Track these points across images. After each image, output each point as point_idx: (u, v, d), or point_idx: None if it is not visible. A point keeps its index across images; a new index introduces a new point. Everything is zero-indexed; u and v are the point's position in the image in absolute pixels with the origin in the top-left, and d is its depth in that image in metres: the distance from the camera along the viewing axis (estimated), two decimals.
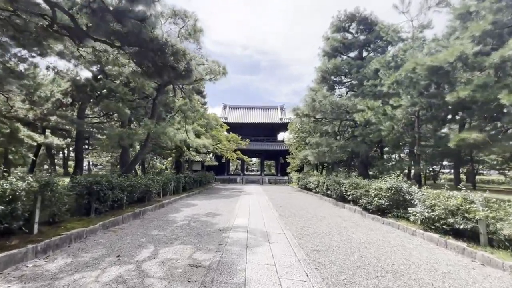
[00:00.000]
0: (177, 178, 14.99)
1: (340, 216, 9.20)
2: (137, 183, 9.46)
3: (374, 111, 9.17)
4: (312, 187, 17.41)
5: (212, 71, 10.10)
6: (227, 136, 22.00)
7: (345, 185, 11.63)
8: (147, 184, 10.20)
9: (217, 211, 9.79)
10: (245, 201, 13.24)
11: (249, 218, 8.34)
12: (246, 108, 40.35)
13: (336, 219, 8.70)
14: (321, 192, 15.34)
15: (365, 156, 14.47)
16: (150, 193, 10.59)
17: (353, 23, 14.71)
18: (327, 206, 11.98)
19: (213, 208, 10.67)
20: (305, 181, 19.87)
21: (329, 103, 12.30)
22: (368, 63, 12.91)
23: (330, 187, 13.39)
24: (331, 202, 13.08)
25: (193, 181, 18.43)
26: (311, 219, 8.61)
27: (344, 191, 11.61)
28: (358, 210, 9.87)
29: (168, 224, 7.41)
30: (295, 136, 22.38)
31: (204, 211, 9.86)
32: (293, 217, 8.82)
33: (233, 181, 31.56)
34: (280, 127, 36.77)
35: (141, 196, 10.26)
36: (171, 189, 13.95)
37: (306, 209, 10.85)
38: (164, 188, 13.15)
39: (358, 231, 7.00)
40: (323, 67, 14.52)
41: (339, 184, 12.27)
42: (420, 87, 8.20)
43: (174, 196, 13.70)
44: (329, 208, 11.18)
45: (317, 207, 11.39)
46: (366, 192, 9.29)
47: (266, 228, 6.99)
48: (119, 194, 8.05)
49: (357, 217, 9.16)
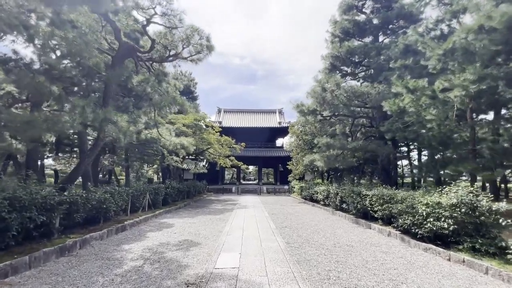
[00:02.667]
0: (155, 189, 12.05)
1: (375, 245, 6.35)
2: (80, 198, 6.56)
3: (415, 94, 6.53)
4: (320, 198, 14.54)
5: (190, 41, 7.42)
6: (219, 139, 19.13)
7: (369, 198, 8.83)
8: (100, 199, 7.30)
9: (197, 238, 6.90)
10: (238, 219, 10.33)
11: (240, 253, 5.45)
12: (242, 112, 37.66)
13: (371, 250, 5.85)
14: (332, 205, 12.48)
15: (386, 160, 11.76)
16: (106, 211, 7.68)
17: (368, 0, 12.28)
18: (346, 225, 9.13)
19: (193, 231, 7.76)
20: (310, 191, 17.00)
21: (345, 92, 9.67)
22: (389, 48, 10.39)
23: (347, 200, 10.56)
24: (348, 219, 10.22)
25: (178, 192, 15.47)
26: (334, 250, 5.76)
27: (369, 206, 8.81)
28: (395, 234, 7.05)
29: (106, 268, 4.51)
30: (297, 140, 19.67)
31: (178, 237, 6.95)
32: (308, 248, 5.96)
33: (227, 191, 28.53)
34: (279, 132, 34.06)
35: (94, 216, 7.36)
36: (145, 204, 11.02)
37: (321, 231, 7.99)
38: (135, 202, 10.23)
39: (421, 278, 4.17)
40: (333, 52, 11.90)
41: (360, 196, 9.47)
42: (487, 55, 5.64)
43: (149, 212, 10.76)
44: (351, 230, 8.33)
45: (335, 228, 8.53)
46: (410, 210, 6.49)
47: (269, 277, 4.12)
48: (38, 217, 5.15)
49: (399, 246, 6.32)
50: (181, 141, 9.91)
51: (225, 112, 37.13)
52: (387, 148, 10.75)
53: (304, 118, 14.70)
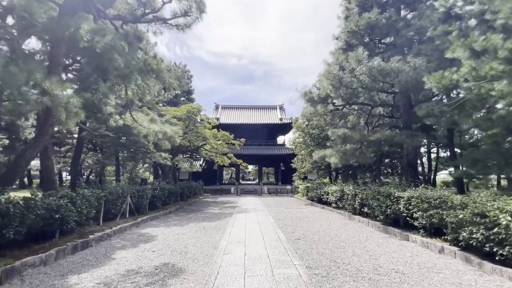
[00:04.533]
0: (138, 192, 10.14)
1: (432, 269, 4.48)
2: (15, 206, 4.65)
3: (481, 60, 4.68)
4: (332, 200, 12.68)
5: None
6: (215, 133, 17.12)
7: (404, 201, 6.97)
8: (50, 207, 5.39)
9: (181, 260, 5.00)
10: (238, 227, 8.45)
11: None
12: (240, 108, 35.72)
13: (433, 280, 3.98)
14: (349, 208, 10.62)
15: (413, 154, 9.90)
16: (62, 222, 5.77)
17: None
18: (374, 235, 7.26)
19: (178, 248, 5.86)
20: (318, 192, 15.13)
21: (368, 71, 7.75)
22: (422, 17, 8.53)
23: (370, 203, 8.70)
24: (373, 226, 8.37)
25: (169, 194, 13.55)
26: (380, 282, 3.88)
27: (404, 211, 6.95)
28: (452, 252, 5.19)
29: None
30: (302, 135, 17.78)
31: (155, 259, 5.04)
32: (341, 277, 4.07)
33: (226, 192, 26.62)
34: (280, 128, 32.20)
35: (42, 229, 5.45)
36: (125, 209, 9.11)
37: (347, 245, 6.11)
38: (110, 208, 8.32)
39: None
40: (350, 27, 9.93)
41: (390, 199, 7.61)
42: None
43: (130, 219, 8.86)
44: (384, 243, 6.46)
45: (362, 240, 6.66)
46: (478, 219, 4.63)
47: None
48: None
49: (468, 271, 4.45)
50: (162, 129, 7.90)
51: (223, 108, 35.19)
52: (416, 140, 8.90)
53: (313, 109, 12.81)
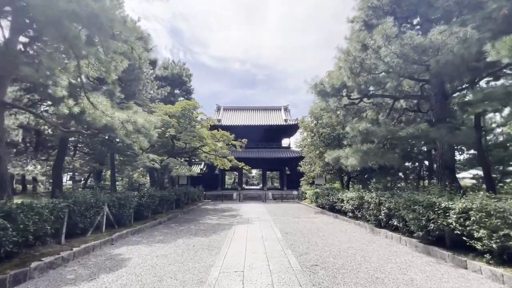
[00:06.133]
0: (119, 199, 8.52)
1: None
2: None
3: None
4: (348, 208, 10.91)
5: None
6: (213, 133, 15.42)
7: (457, 214, 5.23)
8: None
9: None
10: (236, 246, 6.75)
11: None
12: (243, 110, 34.20)
13: None
14: (371, 219, 8.84)
15: (449, 155, 8.13)
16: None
17: None
18: (415, 259, 5.49)
19: (150, 282, 4.18)
20: (329, 199, 13.35)
21: (400, 48, 6.12)
22: None
23: (403, 214, 6.94)
24: (408, 244, 6.61)
25: (161, 201, 11.91)
26: None
27: (457, 227, 5.21)
28: None
29: None
30: (311, 135, 16.08)
31: None
32: None
33: (227, 197, 24.91)
34: (285, 130, 30.51)
35: None
36: (101, 222, 7.49)
37: (385, 277, 4.37)
38: (77, 222, 6.69)
39: None
40: (370, 2, 8.29)
41: (433, 210, 5.85)
42: None
43: (106, 234, 7.23)
44: (436, 274, 4.71)
45: (403, 268, 4.90)
46: None
47: None
48: None
49: None
50: (131, 118, 6.08)
51: (225, 110, 33.74)
52: (458, 136, 7.15)
53: (324, 103, 11.19)
